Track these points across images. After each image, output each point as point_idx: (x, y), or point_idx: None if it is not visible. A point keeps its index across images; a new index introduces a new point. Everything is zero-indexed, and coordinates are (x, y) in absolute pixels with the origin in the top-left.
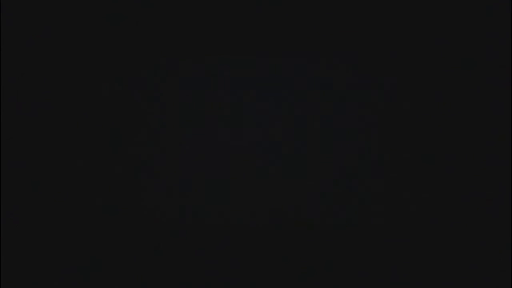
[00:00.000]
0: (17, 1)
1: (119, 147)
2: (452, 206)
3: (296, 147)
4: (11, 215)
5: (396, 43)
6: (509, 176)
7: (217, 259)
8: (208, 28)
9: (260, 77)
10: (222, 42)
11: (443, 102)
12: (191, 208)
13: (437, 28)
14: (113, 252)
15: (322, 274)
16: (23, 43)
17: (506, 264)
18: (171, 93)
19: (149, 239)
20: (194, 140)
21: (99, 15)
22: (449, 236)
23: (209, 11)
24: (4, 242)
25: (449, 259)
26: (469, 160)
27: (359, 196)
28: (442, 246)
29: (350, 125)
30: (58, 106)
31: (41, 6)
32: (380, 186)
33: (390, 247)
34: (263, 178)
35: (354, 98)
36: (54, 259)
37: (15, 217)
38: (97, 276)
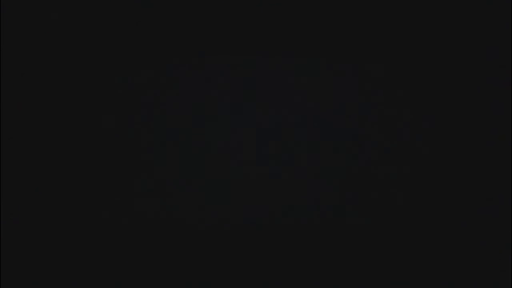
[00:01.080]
0: (17, 1)
1: (119, 147)
2: (452, 206)
3: (296, 146)
4: (11, 215)
5: (396, 43)
6: (509, 176)
7: (217, 259)
8: (208, 28)
9: (260, 77)
10: (221, 42)
11: (443, 102)
12: (191, 208)
13: (437, 28)
14: (113, 252)
15: (322, 274)
16: (23, 43)
17: (506, 264)
18: (170, 93)
19: (149, 239)
20: (194, 140)
21: (99, 15)
22: (449, 236)
23: (209, 11)
24: (4, 242)
25: (449, 259)
26: (469, 160)
27: (358, 196)
28: (442, 246)
29: (350, 125)
30: (57, 106)
31: (41, 6)
32: (380, 186)
33: (390, 247)
34: (263, 178)
35: (354, 98)
36: (54, 259)
37: (15, 217)
38: (97, 276)
